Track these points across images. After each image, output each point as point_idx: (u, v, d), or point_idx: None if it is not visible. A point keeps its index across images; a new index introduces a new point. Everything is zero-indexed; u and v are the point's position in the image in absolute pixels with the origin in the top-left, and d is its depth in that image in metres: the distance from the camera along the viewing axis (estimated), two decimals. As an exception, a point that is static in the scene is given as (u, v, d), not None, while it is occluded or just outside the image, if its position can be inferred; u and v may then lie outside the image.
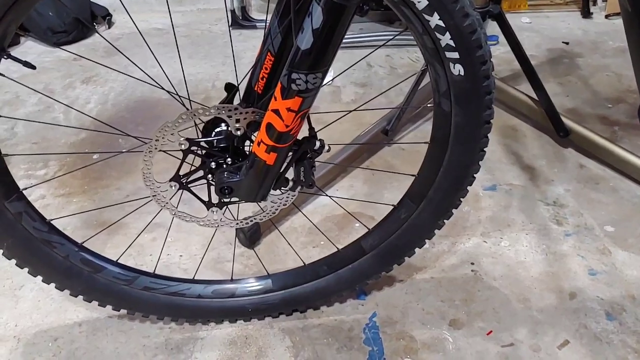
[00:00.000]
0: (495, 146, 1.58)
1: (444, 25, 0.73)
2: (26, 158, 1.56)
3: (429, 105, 1.58)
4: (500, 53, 2.07)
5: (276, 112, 0.77)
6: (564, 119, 1.54)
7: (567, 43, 2.24)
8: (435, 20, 0.73)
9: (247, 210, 1.00)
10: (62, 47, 2.26)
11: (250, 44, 2.28)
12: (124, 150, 1.56)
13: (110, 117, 1.78)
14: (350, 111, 1.05)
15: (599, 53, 2.15)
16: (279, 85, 0.76)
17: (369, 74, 2.03)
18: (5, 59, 0.77)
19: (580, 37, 2.31)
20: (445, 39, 0.75)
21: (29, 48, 2.28)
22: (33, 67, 0.81)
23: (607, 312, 1.09)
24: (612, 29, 2.36)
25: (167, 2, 1.13)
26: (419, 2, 0.72)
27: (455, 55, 0.76)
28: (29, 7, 0.77)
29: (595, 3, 2.54)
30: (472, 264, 1.21)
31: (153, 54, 0.96)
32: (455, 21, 0.73)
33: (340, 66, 1.64)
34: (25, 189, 0.92)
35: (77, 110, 1.75)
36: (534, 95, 1.57)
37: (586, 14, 2.49)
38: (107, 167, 1.51)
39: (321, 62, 0.73)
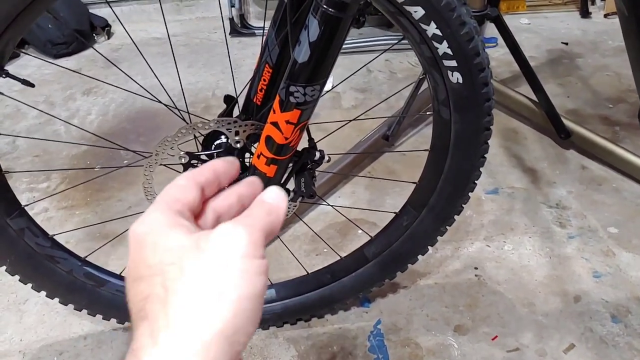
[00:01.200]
0: (496, 149, 1.58)
1: (441, 34, 0.73)
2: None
3: (427, 113, 1.57)
4: (500, 55, 2.06)
5: (275, 124, 0.77)
6: (564, 120, 1.53)
7: (566, 43, 2.24)
8: (432, 29, 0.73)
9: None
10: (61, 59, 2.27)
11: (249, 52, 2.29)
12: (124, 165, 1.56)
13: (111, 128, 1.79)
14: (349, 121, 1.05)
15: (599, 53, 2.15)
16: (277, 98, 0.76)
17: (369, 79, 2.03)
18: (4, 77, 0.77)
19: (580, 37, 2.30)
20: (443, 48, 0.75)
21: (28, 61, 2.29)
22: (32, 85, 0.81)
23: (612, 315, 1.09)
24: (611, 28, 2.36)
25: (162, 11, 1.13)
26: (415, 11, 0.72)
27: (453, 63, 0.76)
28: (27, 25, 0.77)
29: (593, 2, 2.54)
30: (476, 268, 1.21)
31: (150, 67, 0.96)
32: (453, 30, 0.73)
33: (340, 72, 1.64)
34: (27, 205, 0.92)
35: (76, 127, 1.75)
36: (534, 97, 1.57)
37: (585, 13, 2.49)
38: (109, 179, 1.52)
39: (319, 75, 0.73)
